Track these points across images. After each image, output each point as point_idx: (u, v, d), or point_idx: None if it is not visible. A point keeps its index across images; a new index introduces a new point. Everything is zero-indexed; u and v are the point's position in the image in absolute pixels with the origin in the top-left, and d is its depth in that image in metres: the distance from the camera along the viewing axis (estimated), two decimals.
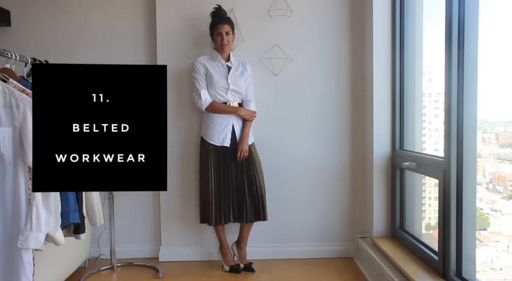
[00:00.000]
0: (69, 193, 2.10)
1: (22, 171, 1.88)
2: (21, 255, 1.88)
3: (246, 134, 2.85)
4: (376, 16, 2.89)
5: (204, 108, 2.84)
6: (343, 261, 3.11)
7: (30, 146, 1.83)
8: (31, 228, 1.85)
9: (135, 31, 3.15)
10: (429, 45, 2.66)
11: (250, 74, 2.95)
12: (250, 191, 2.85)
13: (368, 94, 3.01)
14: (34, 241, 1.86)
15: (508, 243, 2.24)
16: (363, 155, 3.15)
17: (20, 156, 1.86)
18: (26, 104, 1.86)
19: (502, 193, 2.26)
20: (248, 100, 2.93)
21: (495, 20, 2.07)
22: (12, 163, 1.87)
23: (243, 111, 2.87)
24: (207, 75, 2.87)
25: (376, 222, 2.94)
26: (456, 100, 2.08)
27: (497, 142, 2.31)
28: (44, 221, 1.90)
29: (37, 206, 1.87)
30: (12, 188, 1.88)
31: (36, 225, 1.86)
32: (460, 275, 2.10)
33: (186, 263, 3.10)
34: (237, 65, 2.93)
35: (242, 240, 2.96)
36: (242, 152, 2.81)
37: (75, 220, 2.12)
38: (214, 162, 2.84)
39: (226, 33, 2.82)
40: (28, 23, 3.13)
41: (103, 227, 3.03)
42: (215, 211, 2.81)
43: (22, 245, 1.85)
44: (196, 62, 2.88)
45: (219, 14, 2.86)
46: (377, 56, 2.90)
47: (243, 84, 2.89)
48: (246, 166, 2.86)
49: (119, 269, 3.00)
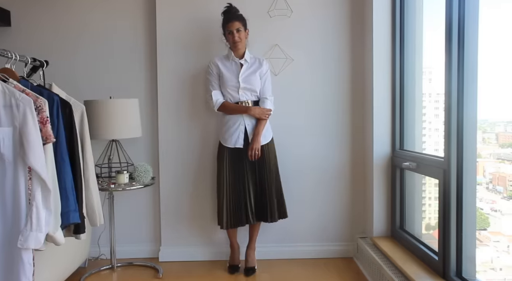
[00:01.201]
0: (69, 193, 2.10)
1: (22, 171, 1.87)
2: (21, 255, 1.87)
3: (257, 133, 2.77)
4: (376, 16, 2.89)
5: (216, 109, 2.82)
6: (343, 261, 3.11)
7: (30, 146, 1.84)
8: (31, 228, 1.85)
9: (135, 31, 3.15)
10: (429, 45, 2.66)
11: (266, 70, 2.86)
12: (262, 191, 2.83)
13: (368, 94, 3.01)
14: (34, 241, 1.86)
15: (508, 243, 2.24)
16: (363, 155, 3.15)
17: (20, 156, 1.86)
18: (26, 104, 1.85)
19: (502, 193, 2.26)
20: (264, 97, 2.84)
21: (495, 20, 2.07)
22: (12, 163, 1.86)
23: (254, 110, 2.78)
24: (220, 75, 2.84)
25: (376, 222, 2.94)
26: (456, 100, 2.08)
27: (497, 142, 2.31)
28: (44, 221, 1.89)
29: (37, 206, 1.86)
30: (12, 188, 1.87)
31: (36, 225, 1.85)
32: (460, 275, 2.10)
33: (186, 263, 3.11)
34: (253, 62, 2.86)
35: (249, 240, 2.98)
36: (253, 151, 2.75)
37: (75, 220, 2.12)
38: (228, 164, 2.80)
39: (237, 30, 2.75)
40: (28, 23, 3.13)
41: (103, 227, 3.04)
42: (226, 215, 2.79)
43: (22, 245, 1.84)
44: (210, 62, 2.87)
45: (229, 12, 2.79)
46: (377, 56, 2.91)
47: (256, 81, 2.81)
48: (259, 167, 2.82)
49: (119, 269, 3.00)
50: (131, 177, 2.89)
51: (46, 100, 2.00)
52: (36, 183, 1.87)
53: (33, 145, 1.85)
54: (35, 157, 1.85)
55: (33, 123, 1.86)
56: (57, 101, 2.11)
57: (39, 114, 1.90)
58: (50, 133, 1.94)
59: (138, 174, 2.85)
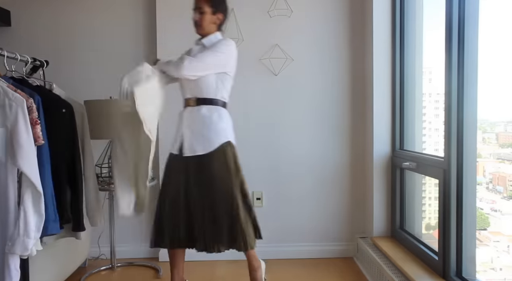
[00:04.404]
0: (48, 200, 1.95)
1: (11, 174, 1.79)
2: (8, 261, 1.79)
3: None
4: (376, 16, 2.89)
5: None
6: (343, 261, 3.11)
7: (20, 147, 1.76)
8: (19, 234, 1.76)
9: (135, 31, 3.15)
10: (429, 45, 2.66)
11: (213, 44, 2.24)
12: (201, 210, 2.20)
13: (368, 94, 3.01)
14: (20, 247, 1.77)
15: (508, 243, 2.24)
16: (363, 155, 3.15)
17: (10, 158, 1.78)
18: (18, 105, 1.78)
19: (502, 193, 2.26)
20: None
21: (495, 20, 2.07)
22: (4, 165, 1.79)
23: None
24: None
25: (376, 222, 2.94)
26: (456, 100, 2.08)
27: (497, 142, 2.31)
28: (35, 226, 1.80)
29: (25, 210, 1.78)
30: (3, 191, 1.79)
31: (23, 230, 1.76)
32: (460, 275, 2.10)
33: (186, 263, 3.08)
34: (210, 45, 2.24)
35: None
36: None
37: (53, 231, 1.99)
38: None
39: (200, 10, 2.22)
40: (28, 23, 3.13)
41: (103, 227, 3.03)
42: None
43: (8, 250, 1.76)
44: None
45: None
46: (377, 56, 2.91)
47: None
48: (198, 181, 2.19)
49: (119, 269, 3.00)
50: None
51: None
52: (25, 186, 1.79)
53: (23, 147, 1.77)
54: (25, 159, 1.77)
55: (25, 124, 1.79)
56: (38, 100, 1.96)
57: (30, 114, 1.82)
58: (39, 135, 1.86)
59: None
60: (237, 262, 3.01)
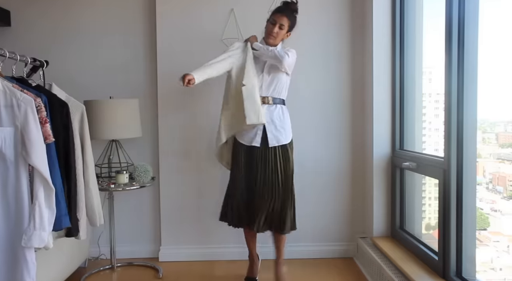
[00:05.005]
0: (60, 196, 2.04)
1: (24, 171, 1.88)
2: (24, 254, 1.89)
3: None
4: (376, 16, 2.89)
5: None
6: (343, 261, 3.11)
7: (33, 145, 1.85)
8: (35, 227, 1.86)
9: (135, 31, 3.15)
10: (429, 45, 2.66)
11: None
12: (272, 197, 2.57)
13: (368, 94, 3.01)
14: (38, 240, 1.87)
15: (508, 243, 2.24)
16: (363, 155, 3.15)
17: (22, 156, 1.86)
18: (27, 104, 1.86)
19: (502, 193, 2.26)
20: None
21: (495, 20, 2.07)
22: (14, 163, 1.87)
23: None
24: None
25: (376, 222, 2.94)
26: (456, 100, 2.08)
27: (497, 142, 2.31)
28: (48, 220, 1.90)
29: (40, 205, 1.88)
30: (15, 188, 1.88)
31: (39, 224, 1.87)
32: (460, 275, 2.10)
33: (186, 263, 3.11)
34: None
35: (276, 252, 2.73)
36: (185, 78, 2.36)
37: (66, 224, 2.09)
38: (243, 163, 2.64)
39: (280, 25, 2.55)
40: (28, 23, 3.13)
41: (103, 227, 3.03)
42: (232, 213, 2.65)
43: (26, 244, 1.86)
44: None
45: (288, 5, 2.60)
46: (377, 56, 2.91)
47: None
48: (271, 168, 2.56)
49: (119, 269, 3.00)
50: (131, 177, 2.89)
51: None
52: (38, 183, 1.88)
53: (35, 144, 1.86)
54: (38, 156, 1.86)
55: (35, 122, 1.87)
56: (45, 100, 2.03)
57: (38, 113, 1.90)
58: (49, 133, 1.94)
59: (138, 174, 2.85)
60: (237, 262, 3.02)
